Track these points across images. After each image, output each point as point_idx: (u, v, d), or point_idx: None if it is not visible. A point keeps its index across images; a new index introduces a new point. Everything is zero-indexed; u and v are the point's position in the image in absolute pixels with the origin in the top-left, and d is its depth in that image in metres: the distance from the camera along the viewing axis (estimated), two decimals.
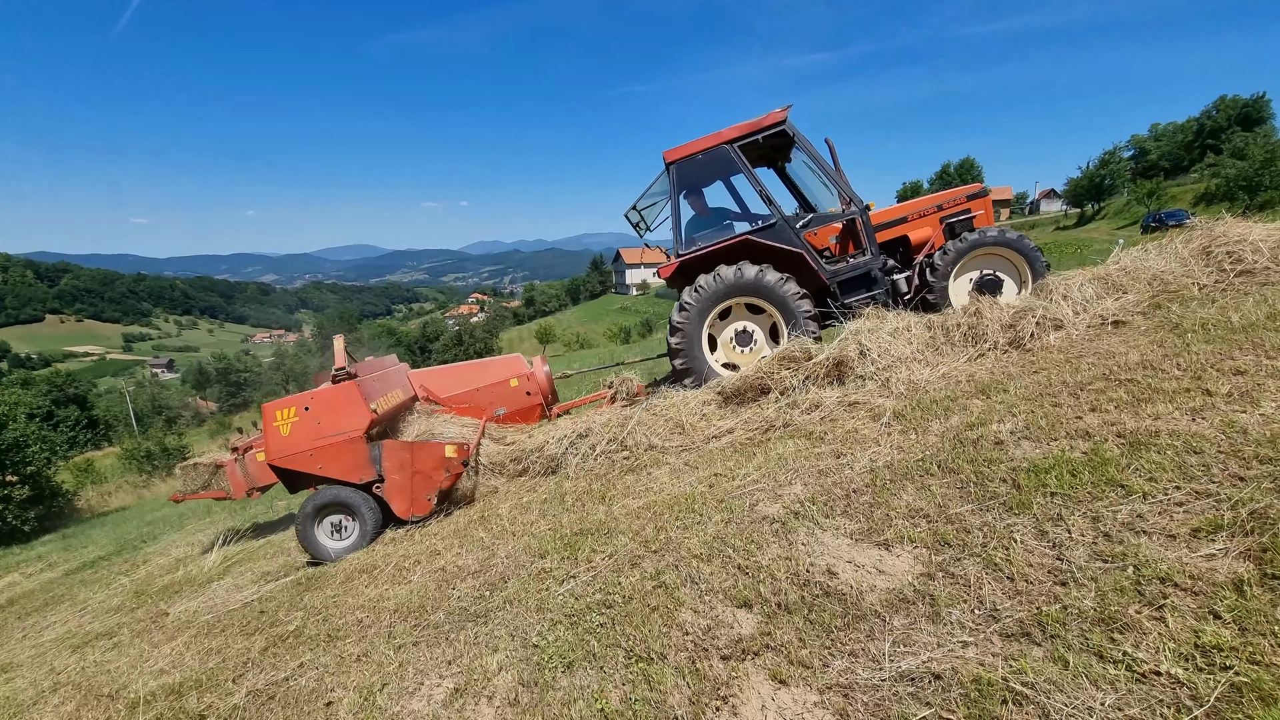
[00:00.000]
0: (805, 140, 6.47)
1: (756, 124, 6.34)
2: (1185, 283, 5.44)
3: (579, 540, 3.77)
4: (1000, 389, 4.19)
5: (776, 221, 6.37)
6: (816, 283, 6.41)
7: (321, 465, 5.00)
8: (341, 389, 5.08)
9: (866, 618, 2.36)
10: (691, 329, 6.26)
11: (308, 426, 4.98)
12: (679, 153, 6.43)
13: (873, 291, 6.43)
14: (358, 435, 4.98)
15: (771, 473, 3.97)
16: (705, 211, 7.16)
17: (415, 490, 5.01)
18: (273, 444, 5.00)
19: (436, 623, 3.28)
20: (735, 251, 6.37)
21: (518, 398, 6.58)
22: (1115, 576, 2.18)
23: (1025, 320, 4.98)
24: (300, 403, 5.03)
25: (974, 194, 6.83)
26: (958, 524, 2.78)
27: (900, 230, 6.77)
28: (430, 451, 5.03)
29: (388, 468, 5.02)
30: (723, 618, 2.61)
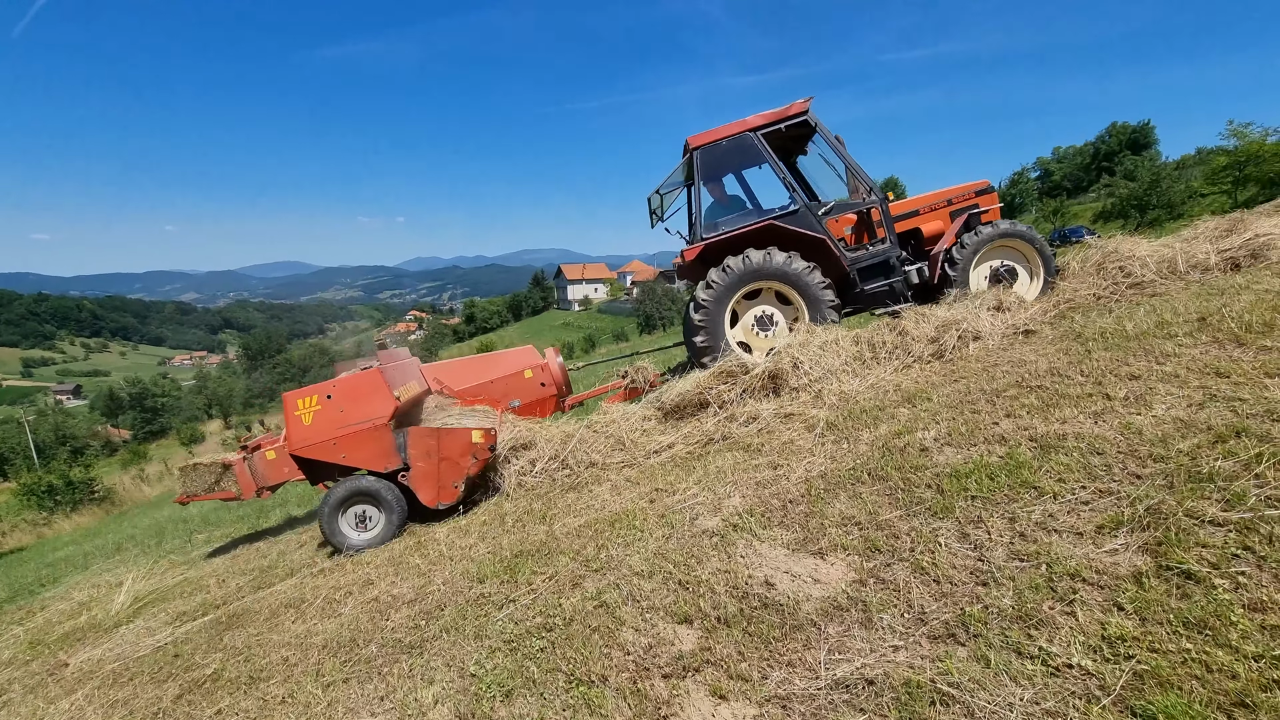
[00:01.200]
0: (826, 130, 6.62)
1: (780, 113, 6.49)
2: (1085, 295, 5.86)
3: (519, 562, 3.70)
4: (924, 398, 4.38)
5: (800, 208, 6.49)
6: (837, 269, 6.55)
7: (345, 454, 4.91)
8: (366, 375, 5.01)
9: (803, 627, 2.41)
10: (715, 308, 6.32)
11: (331, 414, 4.91)
12: (703, 139, 6.52)
13: (890, 279, 6.59)
14: (383, 422, 4.90)
15: (711, 486, 4.01)
16: (725, 199, 7.23)
17: (443, 478, 4.91)
18: (295, 433, 4.89)
19: (369, 657, 3.13)
20: (759, 236, 6.47)
21: (532, 389, 6.45)
22: (1031, 575, 2.30)
23: (948, 333, 5.25)
24: (323, 391, 4.94)
25: (981, 190, 7.13)
26: (888, 530, 2.88)
27: (913, 223, 7.01)
28: (457, 437, 4.91)
29: (413, 455, 4.91)
30: (664, 635, 2.60)
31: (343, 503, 4.95)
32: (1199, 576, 2.04)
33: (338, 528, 4.95)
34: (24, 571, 10.06)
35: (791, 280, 6.26)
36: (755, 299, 6.56)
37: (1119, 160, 63.55)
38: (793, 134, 6.88)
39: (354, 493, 4.94)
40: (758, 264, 6.25)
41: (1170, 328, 4.31)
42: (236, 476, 5.75)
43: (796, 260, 6.24)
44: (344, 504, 4.96)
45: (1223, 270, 5.57)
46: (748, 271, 6.27)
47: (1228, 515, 2.26)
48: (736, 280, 6.30)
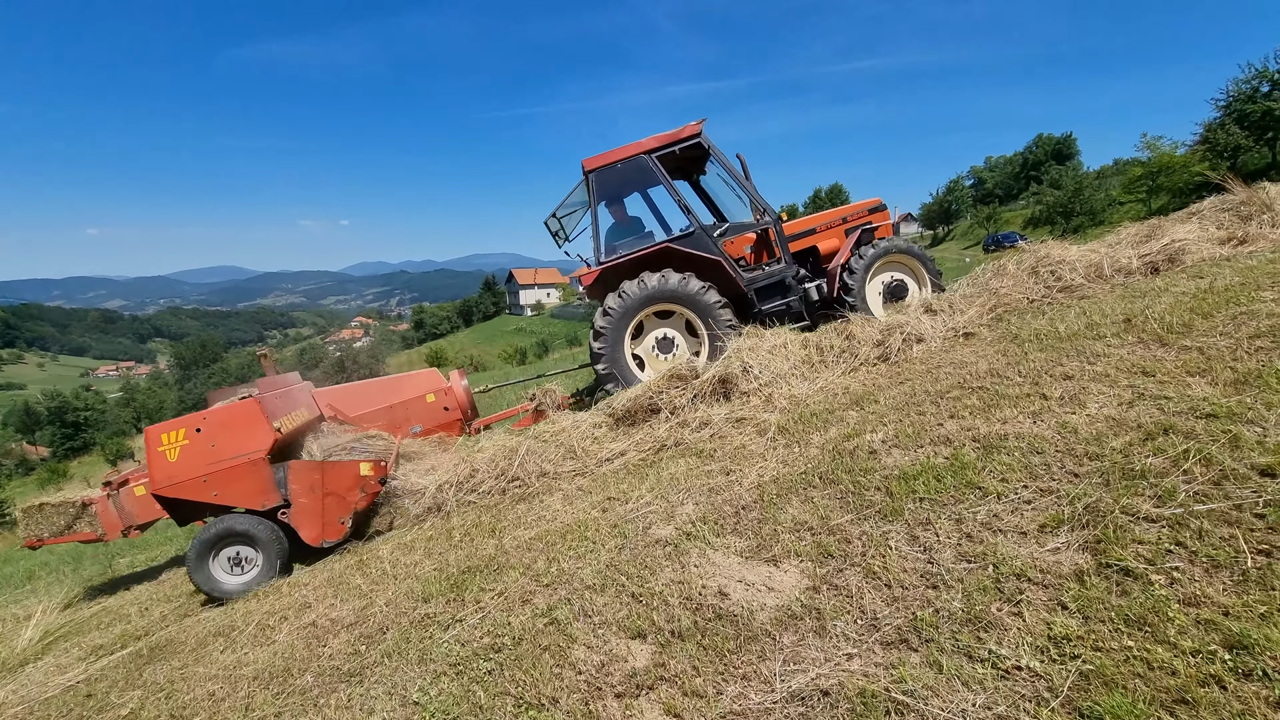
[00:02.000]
0: (720, 152, 6.70)
1: (674, 135, 6.50)
2: (1019, 298, 6.09)
3: (466, 579, 3.55)
4: (872, 400, 4.45)
5: (695, 230, 6.53)
6: (734, 289, 6.60)
7: (217, 492, 4.52)
8: (241, 406, 4.63)
9: (758, 638, 2.37)
10: (614, 334, 6.29)
11: (200, 449, 4.50)
12: (598, 161, 6.47)
13: (788, 298, 6.70)
14: (260, 457, 4.54)
15: (664, 493, 3.96)
16: (625, 219, 7.23)
17: (327, 513, 4.61)
18: (158, 471, 4.45)
19: (304, 687, 2.94)
20: (656, 259, 6.45)
21: (435, 414, 6.25)
22: (978, 576, 2.32)
23: (893, 336, 5.36)
24: (191, 424, 4.52)
25: (875, 208, 7.40)
26: (839, 535, 2.88)
27: (810, 241, 7.19)
28: (344, 470, 4.65)
29: (295, 490, 4.58)
30: (617, 651, 2.53)
31: (214, 545, 4.56)
32: (1137, 573, 2.09)
33: (208, 572, 4.55)
34: None
35: (687, 302, 6.32)
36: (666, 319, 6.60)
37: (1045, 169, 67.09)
38: (691, 155, 6.97)
39: (227, 533, 4.56)
40: (653, 288, 6.27)
41: (1099, 329, 4.50)
42: (99, 515, 5.23)
43: (692, 280, 6.30)
44: (216, 546, 4.58)
45: (1144, 274, 5.87)
46: (643, 296, 6.29)
47: (1160, 511, 2.34)
48: (633, 305, 6.32)
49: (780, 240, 6.80)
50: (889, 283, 6.87)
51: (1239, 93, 34.74)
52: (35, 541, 5.36)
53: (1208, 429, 2.77)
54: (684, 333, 6.58)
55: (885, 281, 6.88)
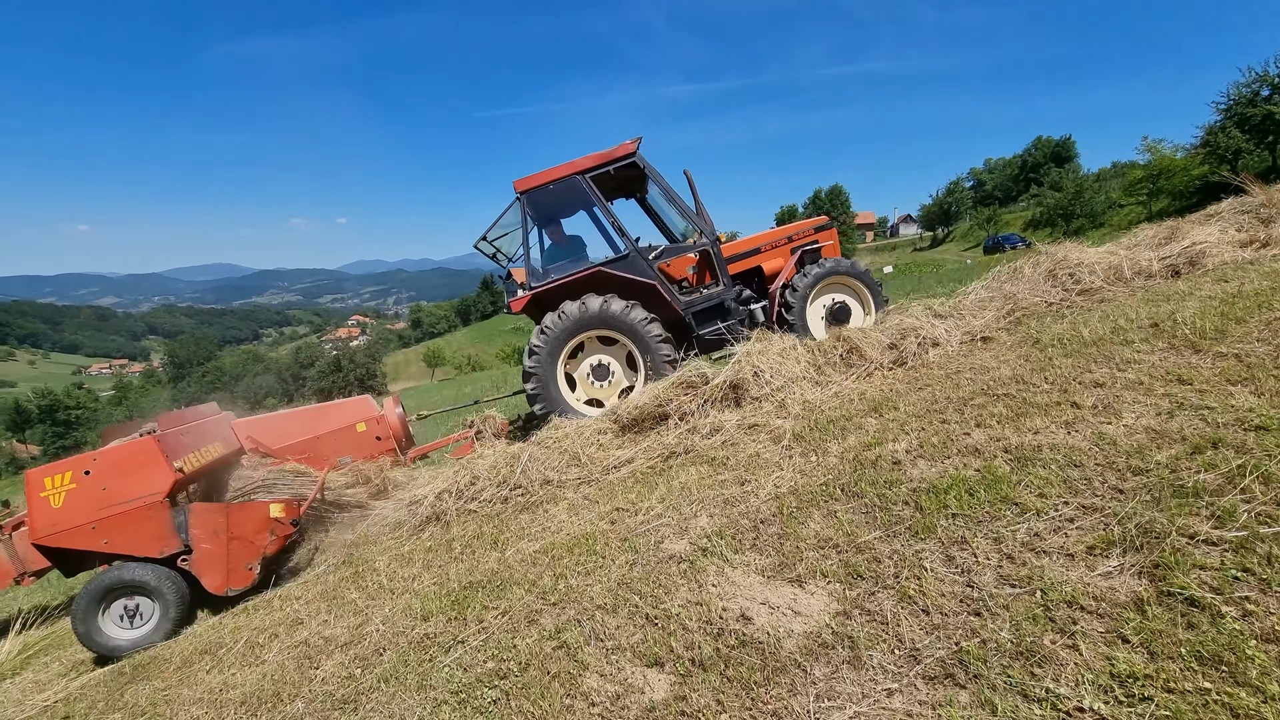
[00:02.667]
0: (655, 172, 6.48)
1: (608, 155, 6.29)
2: (1036, 301, 5.94)
3: (468, 595, 3.37)
4: (891, 406, 4.28)
5: (629, 253, 6.33)
6: (671, 313, 6.39)
7: (107, 540, 4.16)
8: (137, 445, 4.32)
9: (787, 669, 2.19)
10: (545, 370, 6.06)
11: (89, 494, 4.13)
12: (530, 182, 6.25)
13: (727, 321, 6.50)
14: (157, 500, 4.21)
15: (676, 504, 3.78)
16: (563, 240, 7.03)
17: (233, 559, 4.28)
18: (39, 519, 4.08)
19: (294, 715, 2.75)
20: (588, 283, 6.25)
21: (366, 444, 5.97)
22: (1026, 603, 2.15)
23: (907, 339, 5.19)
24: (79, 465, 4.17)
25: (820, 226, 7.17)
26: (868, 553, 2.70)
27: (754, 260, 6.97)
28: (251, 512, 4.35)
29: (196, 536, 4.25)
30: (632, 681, 2.34)
31: (102, 598, 4.18)
32: (1203, 603, 1.92)
33: (96, 628, 4.15)
34: None
35: (615, 325, 6.09)
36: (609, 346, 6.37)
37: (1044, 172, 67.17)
38: (630, 174, 6.76)
39: (119, 584, 4.20)
40: (574, 315, 6.03)
41: (1126, 334, 4.34)
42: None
43: (615, 301, 6.07)
44: (104, 599, 4.20)
45: (1165, 276, 5.72)
46: (570, 324, 6.05)
47: (1221, 534, 2.17)
48: (561, 335, 6.08)
49: (718, 262, 6.59)
50: (831, 305, 6.67)
51: (1240, 96, 34.71)
52: None
53: (1260, 442, 2.60)
54: (623, 363, 6.35)
55: (828, 304, 6.68)
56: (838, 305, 6.61)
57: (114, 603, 4.20)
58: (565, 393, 6.15)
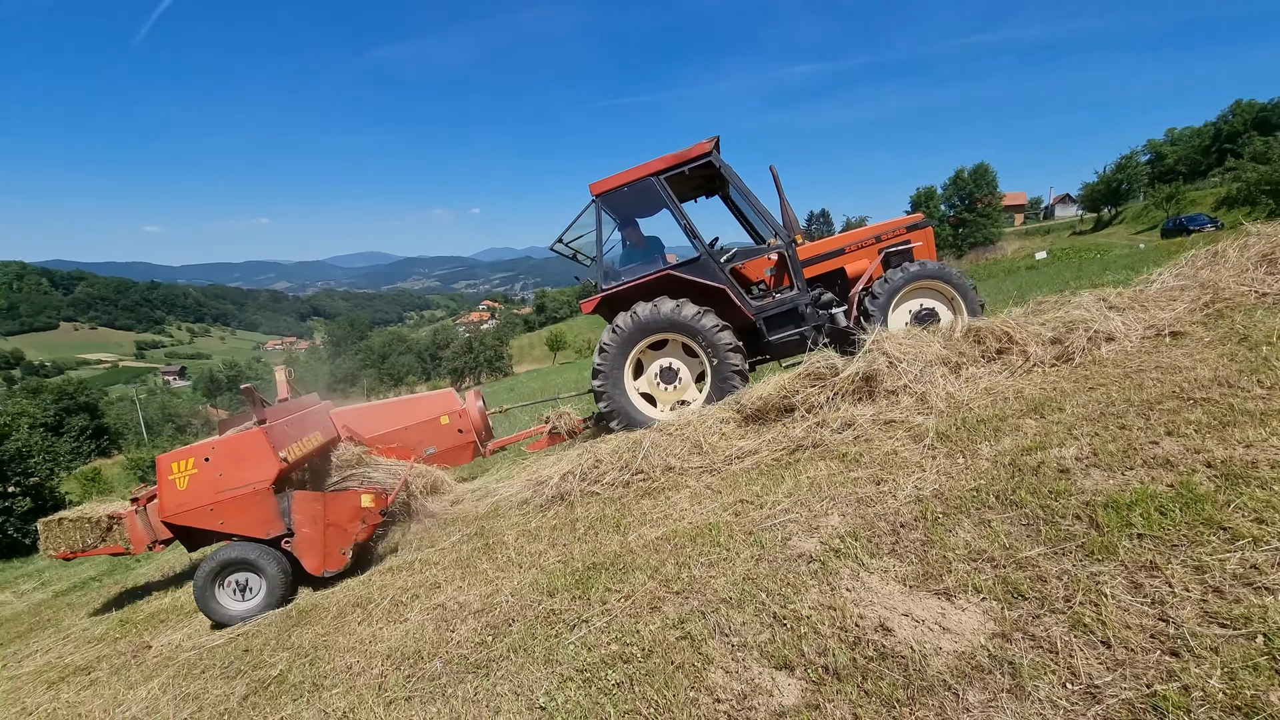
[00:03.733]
0: (732, 171, 6.20)
1: (682, 156, 6.08)
2: (1242, 291, 5.04)
3: (592, 576, 3.42)
4: (1055, 407, 3.80)
5: (701, 255, 6.12)
6: (742, 319, 6.13)
7: (223, 521, 4.59)
8: (247, 436, 4.70)
9: (934, 689, 1.99)
10: (612, 370, 6.02)
11: (208, 479, 4.58)
12: (605, 185, 6.20)
13: (800, 328, 6.13)
14: (264, 487, 4.58)
15: (804, 500, 3.60)
16: (641, 243, 6.90)
17: (328, 544, 4.61)
18: (167, 499, 4.58)
19: (432, 674, 2.93)
20: (659, 286, 6.12)
21: (449, 436, 6.22)
22: (1243, 648, 1.80)
23: (1075, 332, 4.59)
24: (200, 453, 4.62)
25: (914, 225, 6.52)
26: (1030, 571, 2.40)
27: (838, 262, 6.48)
28: (345, 502, 4.65)
29: (298, 520, 4.60)
30: (760, 682, 2.25)
31: (219, 572, 4.58)
32: None
33: (213, 598, 4.57)
34: None
35: (684, 330, 5.85)
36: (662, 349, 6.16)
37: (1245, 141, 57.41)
38: (709, 173, 6.44)
39: (232, 561, 4.58)
40: (645, 318, 5.86)
41: None
42: (127, 529, 5.40)
43: (687, 306, 5.82)
44: (220, 574, 4.60)
45: None
46: (637, 328, 5.89)
47: None
48: (628, 338, 5.94)
49: (792, 265, 6.20)
50: (917, 311, 6.04)
51: None
52: (68, 554, 5.63)
53: None
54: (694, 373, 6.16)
55: (913, 310, 6.06)
56: (925, 311, 6.07)
57: (228, 577, 4.64)
58: (632, 395, 6.14)
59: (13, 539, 13.51)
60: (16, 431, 14.50)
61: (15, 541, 13.54)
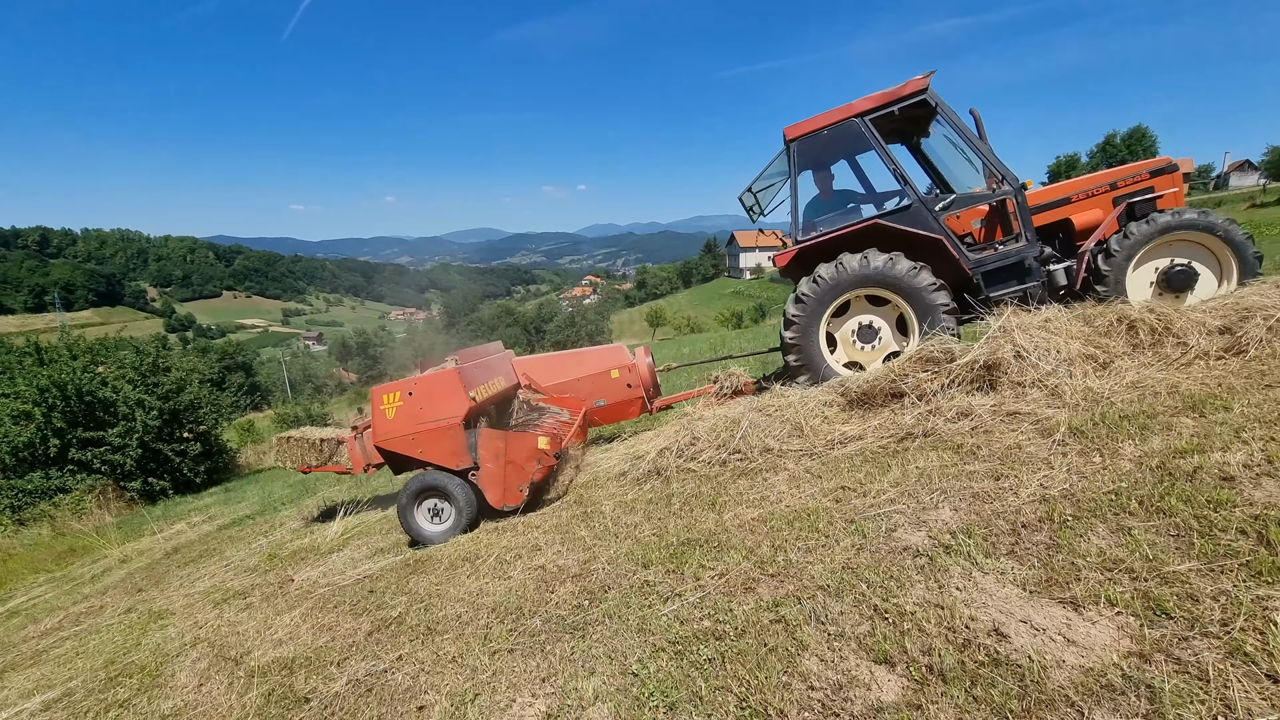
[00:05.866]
0: (950, 110, 5.63)
1: (893, 93, 5.61)
2: None
3: (686, 551, 3.44)
4: (1220, 406, 3.34)
5: (912, 203, 5.64)
6: (956, 273, 5.61)
7: (422, 449, 5.09)
8: (443, 375, 5.14)
9: (1055, 704, 1.84)
10: (808, 323, 5.69)
11: (411, 411, 5.07)
12: (801, 129, 5.83)
13: (1025, 284, 5.54)
14: (456, 422, 5.01)
15: (912, 491, 3.42)
16: (829, 194, 6.47)
17: (508, 480, 4.95)
18: (379, 426, 5.16)
19: (533, 630, 3.08)
20: (863, 237, 5.68)
21: (618, 389, 6.38)
22: None
23: (1251, 320, 4.00)
24: (405, 388, 5.12)
25: (1158, 169, 5.68)
26: (1178, 587, 2.14)
27: (1061, 213, 5.79)
28: (524, 442, 4.95)
29: (483, 455, 4.98)
30: (857, 674, 2.17)
31: (418, 495, 5.09)
32: None
33: (412, 516, 5.11)
34: (274, 489, 12.09)
35: (895, 286, 5.38)
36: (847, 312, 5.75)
37: None
38: (913, 115, 5.86)
39: (428, 486, 5.07)
40: (854, 270, 5.42)
41: None
42: (348, 452, 6.16)
43: (901, 260, 5.34)
44: (419, 497, 5.10)
45: None
46: (843, 280, 5.47)
47: None
48: (830, 290, 5.53)
49: (1022, 213, 5.53)
50: (1167, 269, 5.21)
51: None
52: (306, 468, 6.61)
53: None
54: (893, 325, 5.71)
55: (1161, 268, 5.24)
56: (1177, 270, 5.21)
57: (425, 501, 5.18)
58: (825, 352, 5.83)
59: (187, 477, 15.59)
60: (190, 385, 16.62)
61: (189, 480, 15.61)
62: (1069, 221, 5.80)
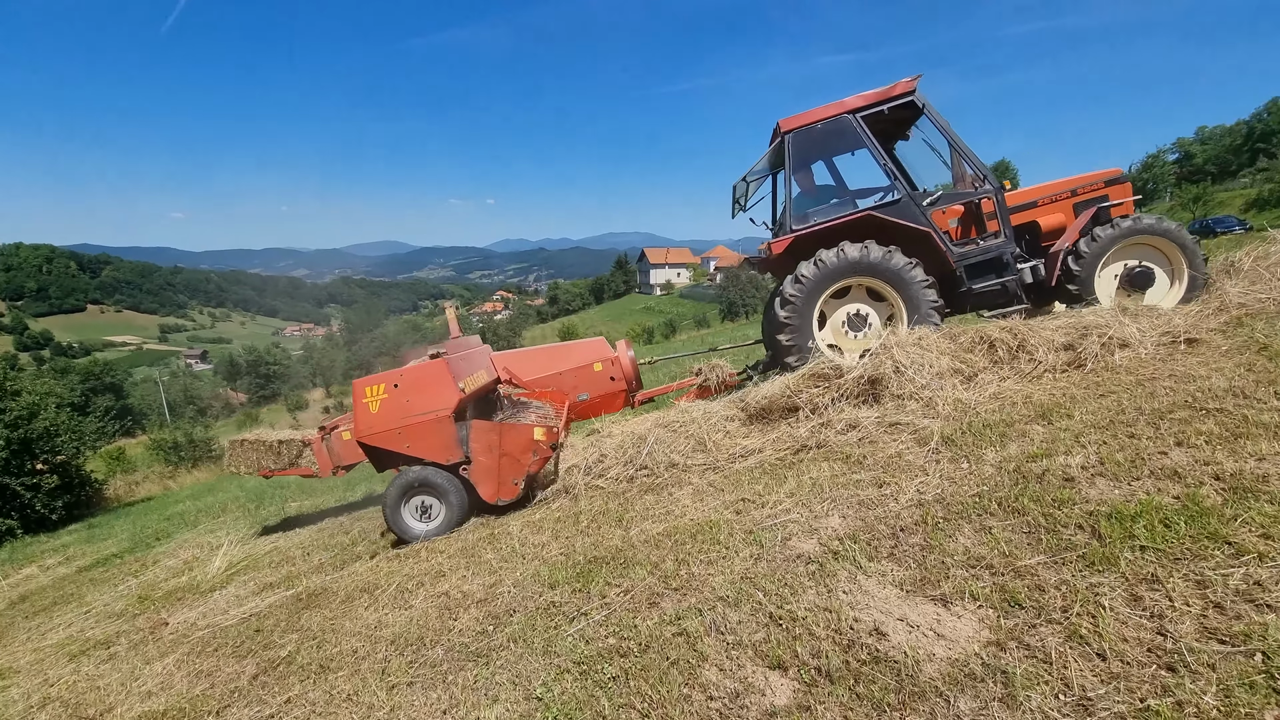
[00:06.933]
0: (935, 112, 6.03)
1: (884, 93, 5.97)
2: (1265, 299, 4.95)
3: (593, 570, 3.46)
4: (1064, 414, 3.77)
5: (902, 198, 5.99)
6: (941, 265, 6.00)
7: (409, 444, 4.92)
8: (431, 365, 5.00)
9: (926, 695, 2.00)
10: (804, 304, 5.92)
11: (397, 404, 4.90)
12: (797, 122, 6.10)
13: (1004, 278, 6.00)
14: (446, 414, 4.86)
15: (806, 501, 3.61)
16: (813, 188, 6.77)
17: (503, 473, 4.86)
18: (361, 421, 4.95)
19: (434, 660, 2.98)
20: (856, 228, 5.98)
21: (601, 383, 6.33)
22: (1240, 665, 1.79)
23: (1088, 338, 4.54)
24: (390, 380, 4.95)
25: (1112, 179, 6.38)
26: (1029, 579, 2.39)
27: (1029, 215, 6.36)
28: (519, 433, 4.85)
29: (475, 449, 4.87)
30: (753, 681, 2.27)
31: (405, 493, 4.94)
32: None
33: (400, 517, 4.97)
34: (148, 522, 10.99)
35: (890, 277, 5.73)
36: (845, 297, 6.06)
37: (1278, 141, 55.92)
38: (895, 117, 6.28)
39: (416, 483, 4.93)
40: (853, 258, 5.74)
41: None
42: (315, 454, 5.89)
43: (897, 255, 5.71)
44: (406, 494, 4.95)
45: None
46: (842, 266, 5.78)
47: None
48: (829, 275, 5.82)
49: (1001, 212, 6.02)
50: (1129, 270, 5.83)
51: None
52: (268, 471, 6.18)
53: None
54: (883, 320, 6.07)
55: (1123, 269, 5.85)
56: (1138, 270, 5.80)
57: (412, 498, 4.98)
58: (815, 330, 6.02)
59: (40, 514, 13.86)
60: (44, 410, 14.83)
61: (43, 517, 13.89)
62: (1036, 224, 6.37)
